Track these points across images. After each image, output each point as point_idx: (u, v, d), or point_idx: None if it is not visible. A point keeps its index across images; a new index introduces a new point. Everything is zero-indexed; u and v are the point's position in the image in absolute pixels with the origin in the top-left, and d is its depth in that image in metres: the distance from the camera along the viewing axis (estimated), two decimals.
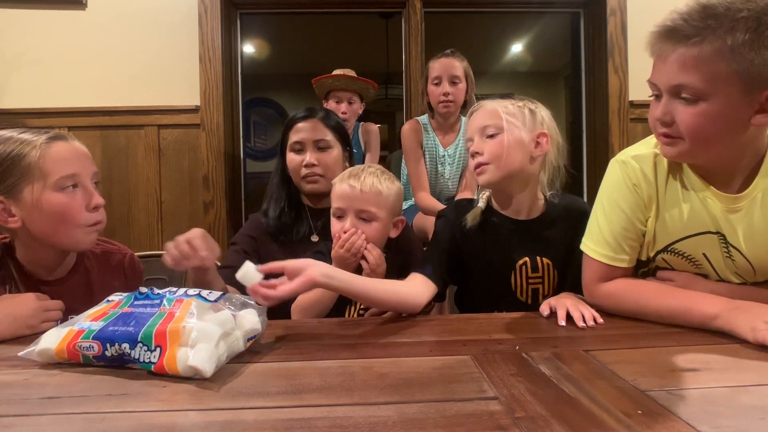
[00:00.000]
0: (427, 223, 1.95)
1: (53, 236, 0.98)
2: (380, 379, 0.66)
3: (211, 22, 2.49)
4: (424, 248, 1.39)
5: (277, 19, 2.95)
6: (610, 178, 0.99)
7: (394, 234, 1.18)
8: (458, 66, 2.03)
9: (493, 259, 1.10)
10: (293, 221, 1.38)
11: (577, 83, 2.84)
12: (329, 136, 1.40)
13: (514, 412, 0.55)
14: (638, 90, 2.58)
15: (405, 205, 2.12)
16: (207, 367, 0.66)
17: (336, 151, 1.40)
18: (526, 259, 1.09)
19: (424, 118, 2.16)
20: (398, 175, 2.18)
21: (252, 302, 0.81)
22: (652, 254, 0.99)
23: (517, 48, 3.27)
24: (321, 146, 1.38)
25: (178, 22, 2.49)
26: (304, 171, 1.36)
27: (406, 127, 2.16)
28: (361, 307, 1.15)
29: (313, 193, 1.39)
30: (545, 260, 1.09)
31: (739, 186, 0.89)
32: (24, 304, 0.92)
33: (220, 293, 0.79)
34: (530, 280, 1.09)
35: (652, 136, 0.93)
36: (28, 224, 0.97)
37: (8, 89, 2.45)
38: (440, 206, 1.96)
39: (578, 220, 1.06)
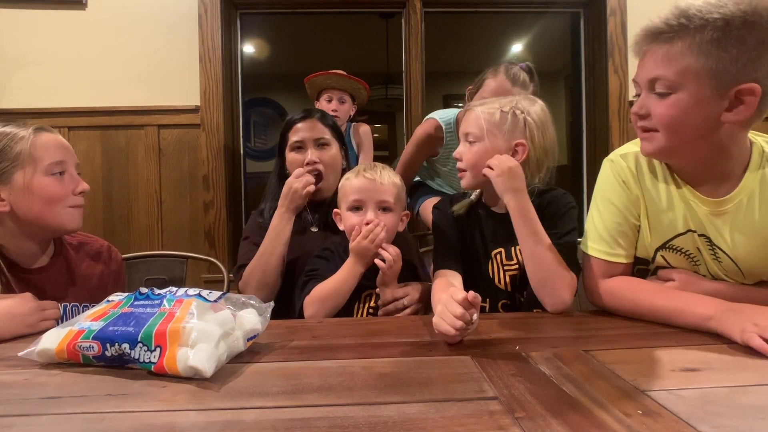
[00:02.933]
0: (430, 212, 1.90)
1: (41, 218, 1.04)
2: (380, 379, 0.66)
3: (211, 22, 2.49)
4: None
5: (277, 19, 2.94)
6: (602, 177, 1.06)
7: (401, 228, 1.21)
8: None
9: (473, 248, 1.14)
10: None
11: (577, 83, 2.84)
12: (328, 135, 1.43)
13: (514, 412, 0.55)
14: None
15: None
16: (207, 367, 0.66)
17: (334, 149, 1.44)
18: (501, 249, 1.12)
19: (450, 121, 1.84)
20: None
21: (252, 302, 0.81)
22: (651, 252, 1.00)
23: (517, 48, 3.27)
24: (321, 143, 1.41)
25: (178, 22, 2.49)
26: (306, 168, 1.38)
27: (423, 134, 1.88)
28: (371, 305, 1.16)
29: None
30: (518, 248, 1.10)
31: (724, 190, 0.92)
32: (22, 303, 0.93)
33: (220, 293, 0.79)
34: (505, 268, 1.12)
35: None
36: (16, 208, 1.02)
37: (8, 89, 2.45)
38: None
39: (549, 207, 1.10)
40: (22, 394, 0.63)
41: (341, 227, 1.19)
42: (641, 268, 1.05)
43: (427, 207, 1.96)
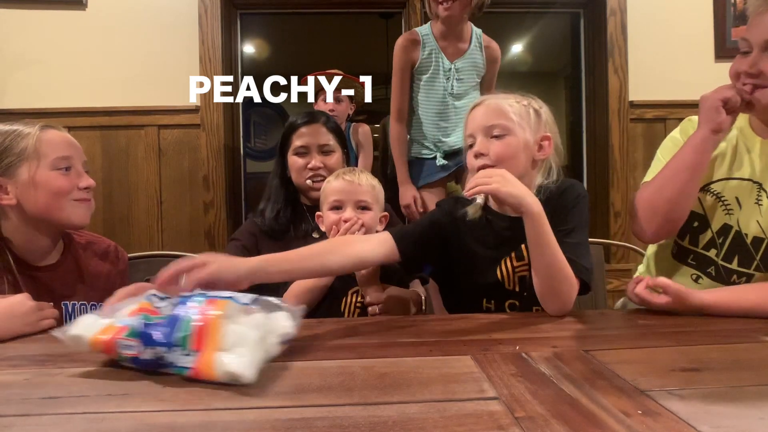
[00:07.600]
0: (429, 198, 1.92)
1: (47, 212, 1.05)
2: (380, 379, 0.66)
3: (211, 22, 2.49)
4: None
5: (277, 19, 2.95)
6: (676, 131, 1.15)
7: (380, 228, 1.24)
8: None
9: (479, 255, 1.09)
10: (290, 221, 1.42)
11: (577, 83, 2.84)
12: (332, 141, 1.45)
13: (514, 412, 0.55)
14: (638, 90, 2.57)
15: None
16: (248, 373, 0.63)
17: (338, 155, 1.46)
18: (512, 251, 1.08)
19: (424, 29, 1.86)
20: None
21: (284, 305, 0.78)
22: None
23: (517, 48, 3.27)
24: (325, 150, 1.44)
25: (178, 23, 2.49)
26: (309, 173, 1.41)
27: (398, 43, 1.86)
28: (359, 300, 1.17)
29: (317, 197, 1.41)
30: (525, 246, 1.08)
31: None
32: (20, 303, 0.93)
33: (252, 296, 0.76)
34: (516, 269, 1.08)
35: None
36: (22, 202, 1.03)
37: (8, 89, 2.45)
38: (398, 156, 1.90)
39: (560, 198, 1.05)
40: (22, 394, 0.63)
41: (323, 228, 1.22)
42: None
43: (428, 199, 1.96)
